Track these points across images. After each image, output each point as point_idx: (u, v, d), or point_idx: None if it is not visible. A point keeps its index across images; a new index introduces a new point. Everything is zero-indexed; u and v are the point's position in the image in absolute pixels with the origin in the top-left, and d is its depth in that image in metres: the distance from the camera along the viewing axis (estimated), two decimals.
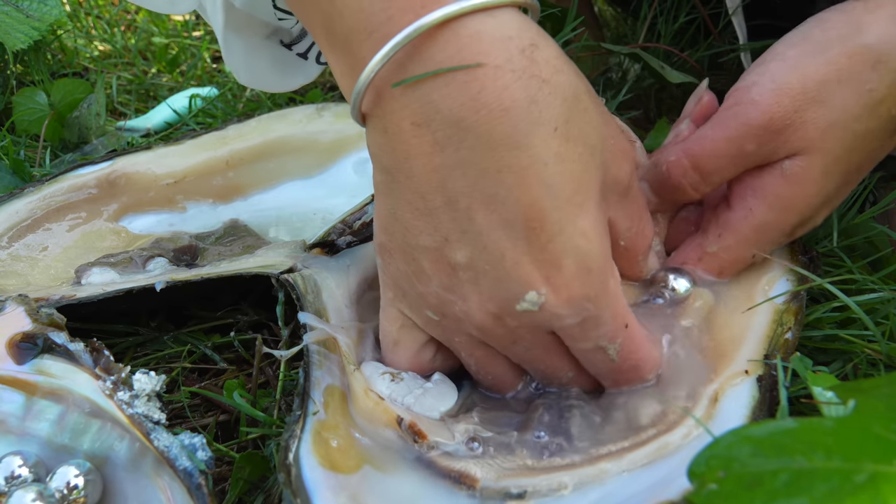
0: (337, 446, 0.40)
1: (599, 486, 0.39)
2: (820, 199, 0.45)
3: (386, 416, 0.44)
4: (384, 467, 0.41)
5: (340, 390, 0.44)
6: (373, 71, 0.36)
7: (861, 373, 0.49)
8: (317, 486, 0.37)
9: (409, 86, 0.36)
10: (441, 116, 0.36)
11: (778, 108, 0.42)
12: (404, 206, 0.39)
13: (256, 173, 0.67)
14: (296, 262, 0.53)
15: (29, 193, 0.60)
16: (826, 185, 0.45)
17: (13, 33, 0.77)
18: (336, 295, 0.51)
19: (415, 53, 0.35)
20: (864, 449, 0.30)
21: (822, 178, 0.44)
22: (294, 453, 0.38)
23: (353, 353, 0.47)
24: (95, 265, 0.56)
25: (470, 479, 0.41)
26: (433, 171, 0.37)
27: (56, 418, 0.43)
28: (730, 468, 0.30)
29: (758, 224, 0.46)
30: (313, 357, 0.44)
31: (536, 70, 0.36)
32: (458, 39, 0.35)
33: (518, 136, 0.35)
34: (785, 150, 0.43)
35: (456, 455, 0.42)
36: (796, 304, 0.47)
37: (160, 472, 0.40)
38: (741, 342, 0.46)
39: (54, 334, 0.45)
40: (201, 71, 0.99)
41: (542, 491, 0.40)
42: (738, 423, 0.41)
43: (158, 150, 0.66)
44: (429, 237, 0.39)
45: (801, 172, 0.44)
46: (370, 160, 0.41)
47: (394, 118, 0.37)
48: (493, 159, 0.36)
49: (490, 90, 0.35)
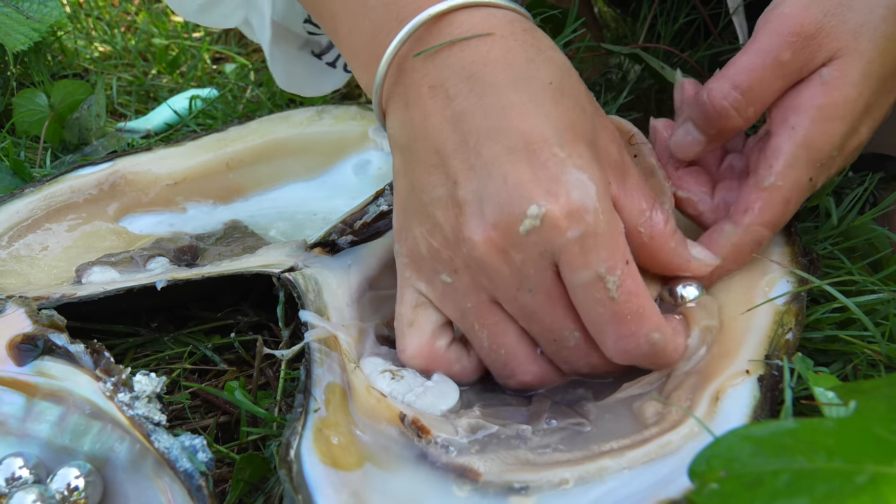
0: (338, 443, 0.40)
1: (600, 482, 0.39)
2: (861, 104, 0.45)
3: (388, 413, 0.44)
4: (385, 465, 0.41)
5: (341, 388, 0.44)
6: (396, 47, 0.44)
7: (861, 374, 0.49)
8: (318, 482, 0.37)
9: (428, 56, 0.43)
10: (454, 74, 0.42)
11: (807, 14, 0.44)
12: (420, 170, 0.44)
13: (257, 175, 0.67)
14: (297, 262, 0.53)
15: (29, 194, 0.60)
16: (865, 89, 0.45)
17: (13, 34, 0.77)
18: (337, 294, 0.51)
19: (434, 30, 0.43)
20: (865, 450, 0.30)
21: (861, 81, 0.44)
22: (295, 450, 0.38)
23: (353, 352, 0.48)
24: (96, 264, 0.56)
25: (473, 472, 0.41)
26: (446, 121, 0.42)
27: (56, 420, 0.43)
28: (731, 468, 0.30)
29: (803, 140, 0.45)
30: (314, 355, 0.45)
31: (535, 42, 0.43)
32: (471, 20, 0.43)
33: (519, 81, 0.42)
34: (821, 56, 0.44)
35: (458, 450, 0.42)
36: (797, 305, 0.48)
37: (161, 473, 0.40)
38: (742, 342, 0.46)
39: (55, 336, 0.45)
40: (201, 72, 0.99)
41: (544, 486, 0.40)
42: (739, 422, 0.41)
43: (159, 152, 0.66)
44: (441, 187, 0.43)
45: (839, 76, 0.44)
46: (371, 162, 0.42)
47: (413, 87, 0.44)
48: (498, 99, 0.41)
49: (496, 50, 0.42)
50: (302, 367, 0.44)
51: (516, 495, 0.40)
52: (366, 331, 0.50)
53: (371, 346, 0.50)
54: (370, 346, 0.50)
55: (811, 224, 0.60)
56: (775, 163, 0.46)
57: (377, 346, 0.50)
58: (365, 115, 0.69)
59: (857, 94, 0.45)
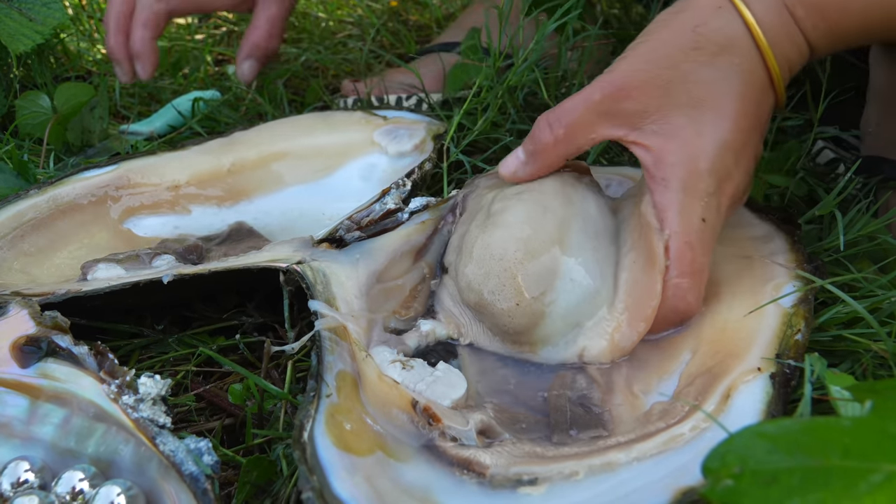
0: (350, 429, 0.40)
1: (612, 473, 0.40)
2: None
3: (400, 399, 0.44)
4: (396, 455, 0.41)
5: (352, 377, 0.44)
6: None
7: (869, 373, 0.48)
8: (332, 464, 0.37)
9: None
10: None
11: (617, 73, 0.49)
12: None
13: (261, 178, 0.67)
14: (304, 256, 0.53)
15: (34, 195, 0.60)
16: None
17: (16, 36, 0.77)
18: (346, 286, 0.51)
19: None
20: (881, 449, 0.30)
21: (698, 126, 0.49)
22: (308, 432, 0.39)
23: (363, 341, 0.48)
24: (101, 261, 0.56)
25: (479, 466, 0.41)
26: None
27: (60, 422, 0.43)
28: (745, 465, 0.30)
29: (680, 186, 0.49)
30: (325, 343, 0.45)
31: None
32: None
33: None
34: (631, 105, 0.49)
35: (465, 444, 0.42)
36: (805, 307, 0.48)
37: (166, 476, 0.40)
38: (752, 343, 0.46)
39: (58, 337, 0.45)
40: (204, 74, 0.99)
41: (555, 477, 0.40)
42: (753, 417, 0.41)
43: (163, 155, 0.66)
44: None
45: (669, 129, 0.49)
46: (376, 166, 0.41)
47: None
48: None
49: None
50: (313, 353, 0.44)
51: (526, 486, 0.40)
52: (374, 322, 0.51)
53: (378, 334, 0.50)
54: (378, 335, 0.50)
55: (815, 226, 0.60)
56: (666, 215, 0.48)
57: (384, 333, 0.51)
58: (370, 119, 0.69)
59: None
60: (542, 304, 0.48)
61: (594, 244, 0.50)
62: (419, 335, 0.51)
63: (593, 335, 0.48)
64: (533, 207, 0.50)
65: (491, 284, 0.49)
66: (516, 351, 0.50)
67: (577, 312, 0.49)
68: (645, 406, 0.46)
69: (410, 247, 0.55)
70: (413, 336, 0.51)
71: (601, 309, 0.49)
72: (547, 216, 0.50)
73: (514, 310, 0.48)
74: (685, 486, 0.37)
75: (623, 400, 0.47)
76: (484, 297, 0.49)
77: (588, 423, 0.45)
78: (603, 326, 0.49)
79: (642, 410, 0.46)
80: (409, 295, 0.54)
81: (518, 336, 0.50)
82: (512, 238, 0.49)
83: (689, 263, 0.48)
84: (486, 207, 0.52)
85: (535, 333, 0.49)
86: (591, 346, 0.48)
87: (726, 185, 0.49)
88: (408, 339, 0.51)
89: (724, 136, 0.48)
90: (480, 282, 0.49)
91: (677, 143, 0.48)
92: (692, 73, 0.48)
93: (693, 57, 0.48)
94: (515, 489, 0.40)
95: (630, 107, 0.49)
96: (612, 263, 0.50)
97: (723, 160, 0.48)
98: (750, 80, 0.49)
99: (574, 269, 0.48)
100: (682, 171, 0.48)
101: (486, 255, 0.49)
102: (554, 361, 0.49)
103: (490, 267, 0.49)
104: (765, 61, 0.49)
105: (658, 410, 0.44)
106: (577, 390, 0.47)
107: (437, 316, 0.53)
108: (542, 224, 0.49)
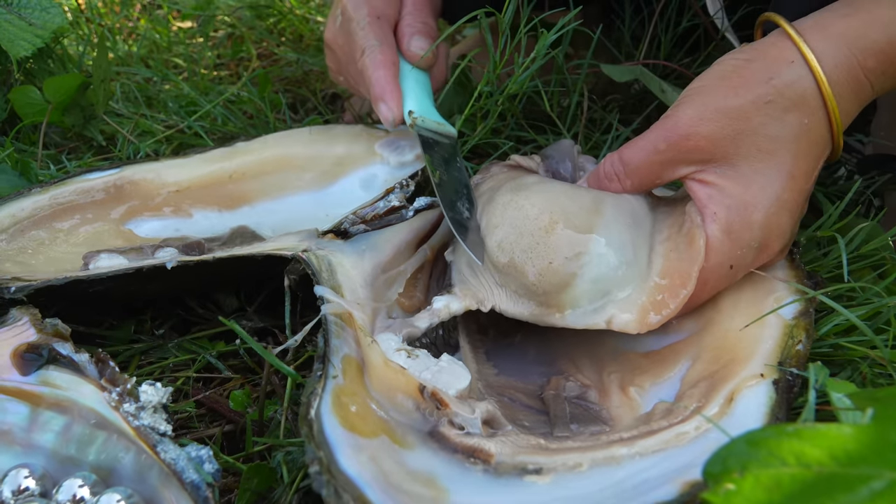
0: (356, 412, 0.41)
1: (617, 467, 0.40)
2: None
3: (407, 385, 0.45)
4: (401, 441, 0.41)
5: (357, 362, 0.45)
6: None
7: (868, 381, 0.49)
8: (339, 442, 0.38)
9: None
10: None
11: (684, 120, 0.50)
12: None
13: (263, 185, 0.67)
14: (310, 245, 0.54)
15: (36, 193, 0.60)
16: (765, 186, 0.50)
17: (16, 41, 0.77)
18: (351, 275, 0.52)
19: None
20: (883, 456, 0.30)
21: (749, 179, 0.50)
22: (315, 410, 0.39)
23: (368, 328, 0.48)
24: (104, 251, 0.56)
25: (484, 454, 0.41)
26: None
27: (61, 430, 0.43)
28: (747, 469, 0.30)
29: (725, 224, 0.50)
30: (331, 327, 0.45)
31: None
32: None
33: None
34: (696, 156, 0.50)
35: (470, 432, 0.43)
36: (806, 319, 0.48)
37: (167, 484, 0.40)
38: (754, 350, 0.47)
39: (59, 345, 0.45)
40: (202, 77, 0.99)
41: (559, 467, 0.40)
42: (757, 421, 0.42)
43: (165, 161, 0.66)
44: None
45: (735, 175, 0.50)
46: (377, 176, 0.41)
47: None
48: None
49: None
50: (320, 335, 0.45)
51: (532, 475, 0.40)
52: (379, 311, 0.51)
53: (383, 321, 0.51)
54: (381, 323, 0.50)
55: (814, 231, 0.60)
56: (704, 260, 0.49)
57: (388, 320, 0.51)
58: (371, 132, 0.69)
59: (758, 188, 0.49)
60: (576, 265, 0.49)
61: (629, 221, 0.50)
62: (430, 314, 0.51)
63: (623, 306, 0.49)
64: (568, 184, 0.52)
65: (524, 243, 0.49)
66: (542, 313, 0.50)
67: (607, 280, 0.49)
68: (641, 408, 0.47)
69: (415, 236, 0.57)
70: (424, 316, 0.51)
71: (633, 282, 0.49)
72: (581, 190, 0.51)
73: (547, 268, 0.49)
74: (693, 480, 0.37)
75: (620, 402, 0.48)
76: (515, 257, 0.49)
77: (588, 418, 0.46)
78: (633, 299, 0.49)
79: (639, 412, 0.47)
80: (411, 279, 0.55)
81: (546, 297, 0.50)
82: (548, 201, 0.50)
83: (694, 298, 0.49)
84: (515, 179, 0.53)
85: (564, 296, 0.49)
86: (619, 316, 0.49)
87: (774, 242, 0.50)
88: (417, 320, 0.51)
89: (784, 194, 0.49)
90: (513, 241, 0.50)
91: (737, 189, 0.48)
92: (762, 127, 0.48)
93: (765, 111, 0.48)
94: (521, 477, 0.40)
95: (696, 156, 0.49)
96: (646, 244, 0.50)
97: (778, 218, 0.49)
98: (815, 139, 0.49)
99: (609, 236, 0.49)
100: (734, 216, 0.48)
101: (521, 216, 0.50)
102: (580, 325, 0.50)
103: (524, 227, 0.49)
104: (829, 116, 0.49)
105: (661, 410, 0.45)
106: (573, 391, 0.48)
107: (453, 290, 0.52)
108: (577, 193, 0.51)
